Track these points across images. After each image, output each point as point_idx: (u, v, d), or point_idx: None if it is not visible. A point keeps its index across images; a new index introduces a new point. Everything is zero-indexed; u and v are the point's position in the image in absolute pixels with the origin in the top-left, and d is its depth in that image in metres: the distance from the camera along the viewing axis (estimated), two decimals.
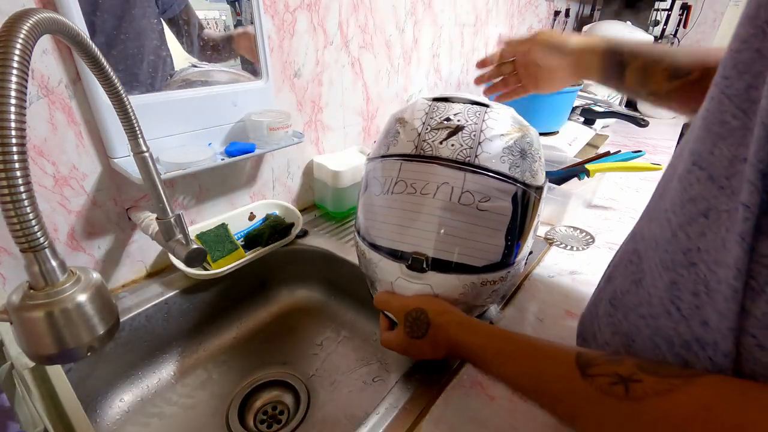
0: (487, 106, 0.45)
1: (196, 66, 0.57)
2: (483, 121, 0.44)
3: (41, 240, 0.25)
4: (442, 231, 0.42)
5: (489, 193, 0.41)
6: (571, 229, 0.75)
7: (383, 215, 0.45)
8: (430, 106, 0.46)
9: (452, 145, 0.42)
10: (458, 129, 0.43)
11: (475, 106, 0.45)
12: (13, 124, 0.23)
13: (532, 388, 0.34)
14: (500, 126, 0.44)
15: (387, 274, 0.46)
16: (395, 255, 0.44)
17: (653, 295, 0.28)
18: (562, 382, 0.32)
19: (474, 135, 0.43)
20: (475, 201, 0.41)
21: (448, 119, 0.44)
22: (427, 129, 0.44)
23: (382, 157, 0.47)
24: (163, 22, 0.52)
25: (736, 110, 0.23)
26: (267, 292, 0.73)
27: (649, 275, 0.29)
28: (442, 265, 0.43)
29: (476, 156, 0.42)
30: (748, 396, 0.22)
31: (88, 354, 0.29)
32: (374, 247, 0.46)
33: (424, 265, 0.43)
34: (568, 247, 0.69)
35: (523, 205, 0.43)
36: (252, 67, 0.62)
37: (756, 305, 0.21)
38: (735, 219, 0.22)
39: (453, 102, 0.46)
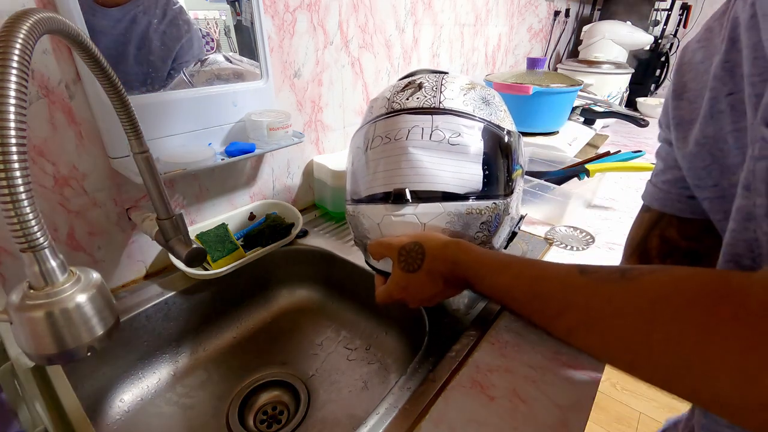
0: (446, 73, 0.52)
1: (228, 60, 0.58)
2: (443, 79, 0.49)
3: (41, 240, 0.25)
4: (419, 165, 0.44)
5: (458, 130, 0.45)
6: (571, 229, 0.75)
7: (365, 170, 0.48)
8: (396, 83, 0.53)
9: (417, 98, 0.47)
10: (420, 86, 0.48)
11: (435, 74, 0.52)
12: (13, 124, 0.23)
13: (526, 290, 0.35)
14: (459, 81, 0.49)
15: (373, 217, 0.47)
16: (378, 199, 0.47)
17: None
18: (558, 279, 0.32)
19: (435, 88, 0.48)
20: (446, 137, 0.45)
21: (411, 82, 0.50)
22: (394, 93, 0.50)
23: (360, 127, 0.52)
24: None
25: None
26: (267, 292, 0.73)
27: None
28: (424, 196, 0.45)
29: (440, 102, 0.46)
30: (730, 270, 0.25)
31: (88, 354, 0.29)
32: (360, 201, 0.49)
33: (407, 196, 0.44)
34: (568, 247, 0.69)
35: (495, 142, 0.46)
36: (249, 57, 0.62)
37: None
38: None
39: (416, 74, 0.53)
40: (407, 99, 0.48)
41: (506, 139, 0.47)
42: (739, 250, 0.25)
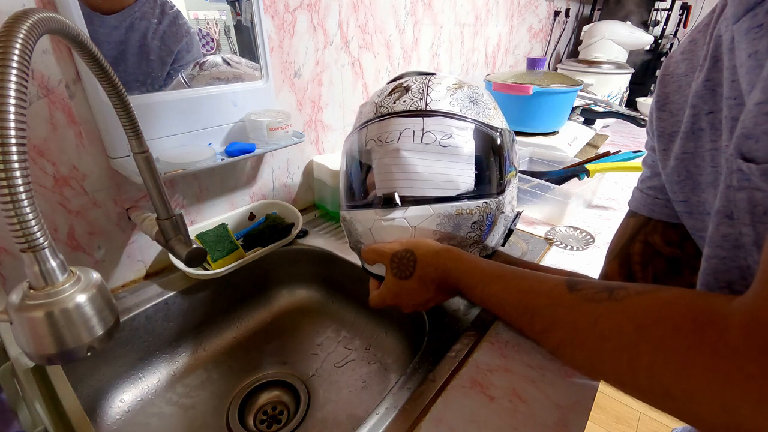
0: (433, 74, 0.51)
1: (227, 62, 0.58)
2: (429, 80, 0.49)
3: (41, 240, 0.25)
4: (411, 169, 0.44)
5: (449, 132, 0.45)
6: (571, 229, 0.75)
7: (358, 174, 0.48)
8: (384, 87, 0.53)
9: (404, 101, 0.47)
10: (407, 89, 0.48)
11: (422, 75, 0.51)
12: (13, 124, 0.23)
13: (515, 303, 0.35)
14: (445, 82, 0.49)
15: (364, 222, 0.47)
16: (370, 204, 0.46)
17: None
18: (547, 294, 0.33)
19: (421, 90, 0.47)
20: (438, 139, 0.44)
21: (398, 85, 0.50)
22: (381, 98, 0.50)
23: (350, 133, 0.52)
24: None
25: None
26: (267, 292, 0.73)
27: None
28: (414, 199, 0.44)
29: (427, 104, 0.46)
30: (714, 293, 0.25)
31: (88, 354, 0.29)
32: (353, 206, 0.49)
33: (396, 201, 0.44)
34: (568, 247, 0.69)
35: (485, 141, 0.46)
36: (249, 57, 0.62)
37: None
38: None
39: (404, 77, 0.53)
40: (394, 102, 0.47)
41: (497, 137, 0.47)
42: (732, 277, 0.26)
